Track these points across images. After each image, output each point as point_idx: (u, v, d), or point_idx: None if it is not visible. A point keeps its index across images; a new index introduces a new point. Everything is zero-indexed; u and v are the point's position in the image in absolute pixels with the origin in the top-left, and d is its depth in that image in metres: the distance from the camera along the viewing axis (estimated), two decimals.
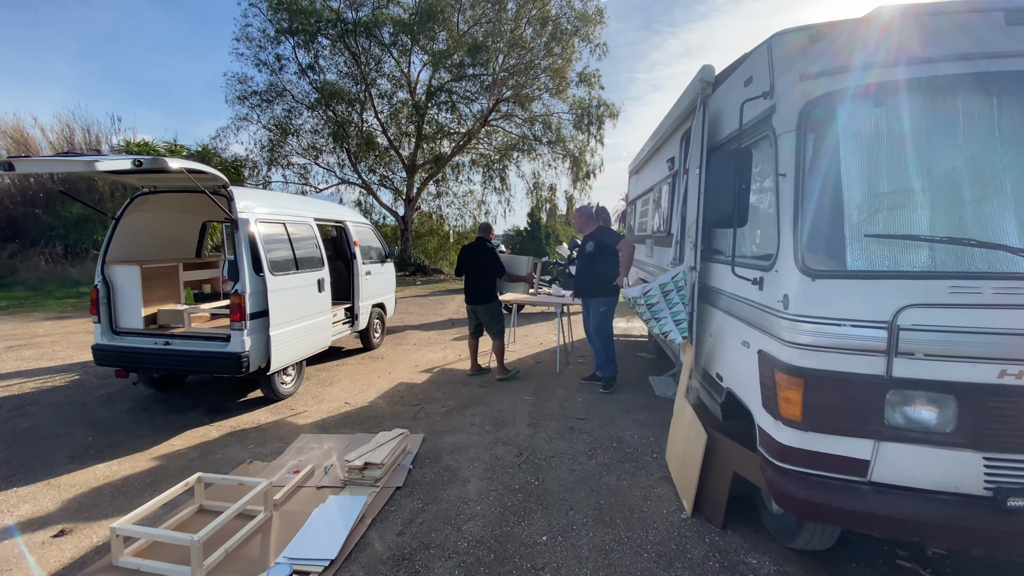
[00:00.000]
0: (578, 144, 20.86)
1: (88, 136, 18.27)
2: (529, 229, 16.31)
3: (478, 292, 5.25)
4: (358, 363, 6.06)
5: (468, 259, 5.27)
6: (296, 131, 19.61)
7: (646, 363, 6.19)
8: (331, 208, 6.00)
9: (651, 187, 5.87)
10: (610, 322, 4.96)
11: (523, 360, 6.26)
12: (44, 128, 17.12)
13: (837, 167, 2.18)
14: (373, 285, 6.47)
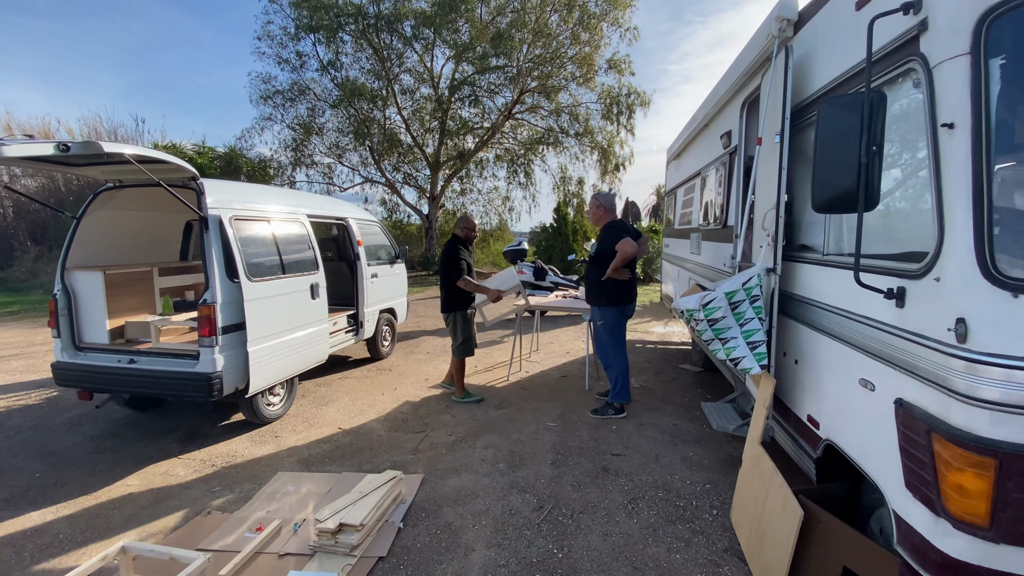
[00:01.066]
0: (607, 135, 19.88)
1: (115, 139, 18.46)
2: (555, 225, 15.46)
3: (442, 299, 4.58)
4: (362, 376, 5.42)
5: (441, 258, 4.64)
6: (320, 130, 19.33)
7: (690, 378, 5.33)
8: (329, 204, 5.37)
9: (697, 172, 5.00)
10: (612, 339, 4.15)
11: (546, 374, 5.49)
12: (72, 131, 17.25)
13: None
14: (381, 289, 5.82)
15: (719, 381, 5.13)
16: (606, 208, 4.16)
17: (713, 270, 4.14)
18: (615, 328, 4.12)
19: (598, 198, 4.22)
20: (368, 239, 5.74)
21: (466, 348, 4.53)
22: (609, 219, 4.15)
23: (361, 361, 5.98)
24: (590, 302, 4.19)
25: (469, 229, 4.69)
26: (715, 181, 4.21)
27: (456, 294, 4.46)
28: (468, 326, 4.54)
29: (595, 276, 4.04)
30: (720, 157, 4.01)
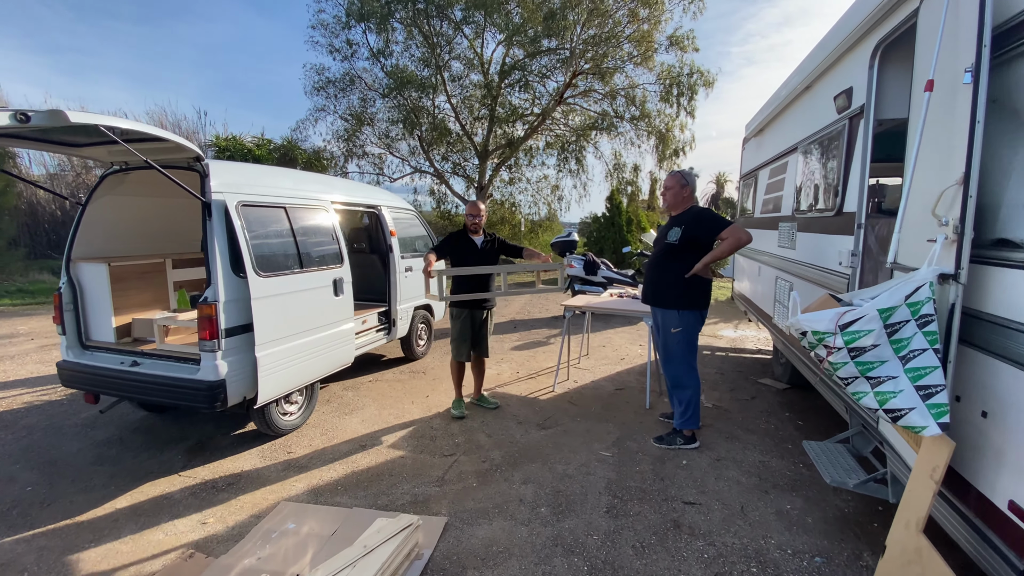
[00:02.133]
0: (665, 119, 18.56)
1: (179, 131, 19.17)
2: (608, 215, 14.52)
3: None
4: (394, 379, 4.93)
5: None
6: (371, 120, 19.25)
7: (774, 397, 4.46)
8: (359, 190, 4.87)
9: (790, 148, 4.09)
10: (689, 353, 3.39)
11: (598, 386, 4.78)
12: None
13: None
14: (416, 283, 5.30)
15: (813, 403, 4.23)
16: (684, 186, 3.39)
17: (815, 269, 3.27)
18: (694, 338, 3.37)
19: (683, 176, 3.44)
20: (403, 229, 5.23)
21: (455, 349, 3.98)
22: (692, 202, 3.38)
23: (394, 361, 5.51)
24: (660, 304, 3.44)
25: (467, 214, 4.04)
26: (821, 157, 3.33)
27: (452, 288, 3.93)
28: (457, 325, 3.95)
29: (674, 271, 3.30)
30: (831, 126, 3.12)
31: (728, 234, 3.08)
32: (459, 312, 3.93)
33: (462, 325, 3.93)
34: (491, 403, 4.21)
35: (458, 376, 4.08)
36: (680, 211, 3.40)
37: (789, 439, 3.59)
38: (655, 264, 3.47)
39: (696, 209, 3.33)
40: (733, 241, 3.08)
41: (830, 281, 2.99)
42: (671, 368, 3.46)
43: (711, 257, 3.15)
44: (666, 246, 3.36)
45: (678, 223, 3.32)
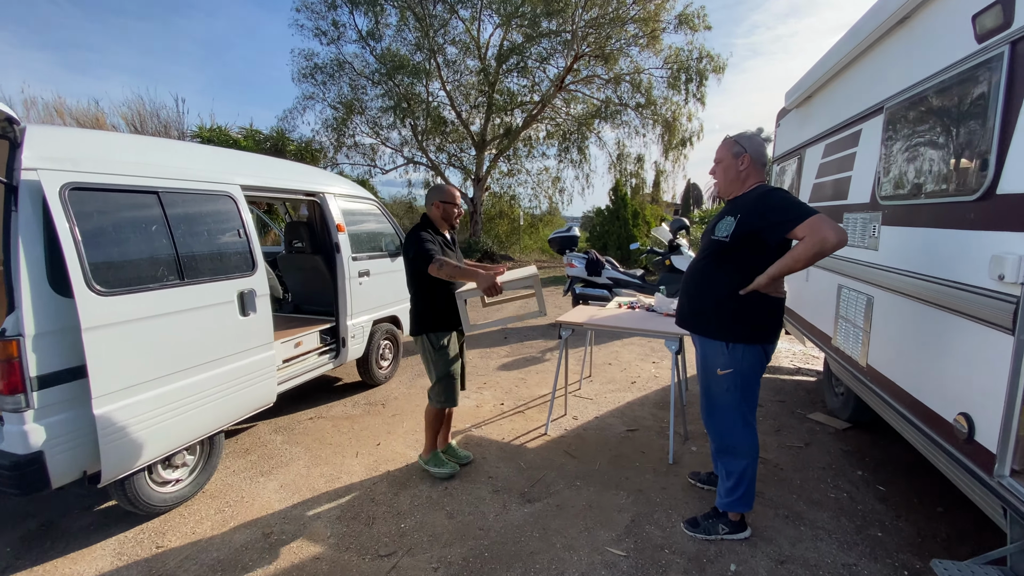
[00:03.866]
0: (671, 106, 17.42)
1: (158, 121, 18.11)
2: (612, 208, 13.41)
3: (410, 313, 2.92)
4: (342, 415, 3.88)
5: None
6: (362, 108, 18.11)
7: (834, 441, 3.38)
8: (289, 171, 3.77)
9: (870, 109, 2.98)
10: (744, 401, 2.29)
11: (604, 425, 3.72)
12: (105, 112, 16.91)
13: None
14: (376, 291, 4.24)
15: (889, 455, 3.17)
16: (756, 158, 2.30)
17: (930, 282, 2.19)
18: (752, 383, 2.28)
19: (737, 142, 2.35)
20: (357, 223, 4.16)
21: (445, 391, 2.83)
22: (759, 180, 2.31)
23: (350, 387, 4.46)
24: (700, 330, 2.36)
25: (445, 203, 2.88)
26: (939, 114, 2.23)
27: (425, 304, 2.78)
28: (445, 355, 2.81)
29: (722, 283, 2.23)
30: (966, 62, 2.03)
31: (807, 231, 1.97)
32: (443, 335, 2.80)
33: (452, 355, 2.83)
34: (461, 455, 3.15)
35: (438, 425, 2.98)
36: (737, 193, 2.32)
37: (875, 519, 2.53)
38: (696, 271, 2.39)
39: (762, 189, 2.24)
40: (814, 243, 1.94)
41: (970, 304, 1.91)
42: (716, 424, 2.39)
43: (780, 268, 2.06)
44: (712, 244, 2.28)
45: (733, 210, 2.24)
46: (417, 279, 2.73)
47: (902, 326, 2.49)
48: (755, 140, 2.34)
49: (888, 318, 2.66)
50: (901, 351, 2.49)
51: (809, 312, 3.91)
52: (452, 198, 2.90)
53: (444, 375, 2.80)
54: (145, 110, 18.09)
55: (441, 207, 2.86)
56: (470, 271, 2.58)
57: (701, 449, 3.28)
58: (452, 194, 2.92)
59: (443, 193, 2.89)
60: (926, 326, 2.24)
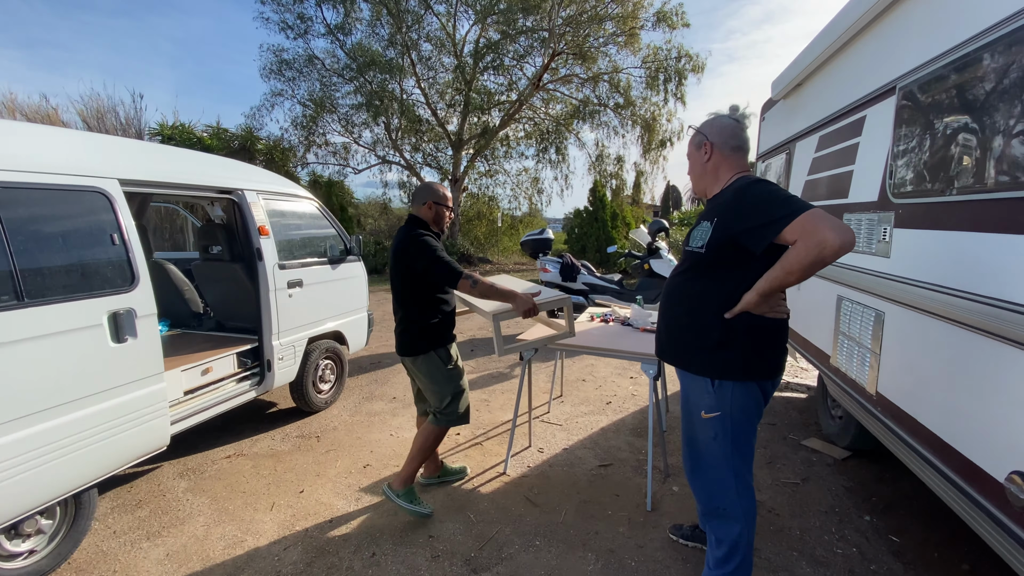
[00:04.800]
0: (651, 107, 17.16)
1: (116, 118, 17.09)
2: (591, 209, 12.99)
3: (400, 330, 2.51)
4: (267, 451, 3.30)
5: (391, 261, 2.48)
6: (333, 106, 17.38)
7: (834, 475, 2.93)
8: (194, 163, 3.15)
9: (880, 91, 2.54)
10: (735, 453, 1.79)
11: (574, 459, 3.21)
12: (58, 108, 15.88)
13: None
14: (311, 303, 3.67)
15: (897, 491, 2.73)
16: (718, 145, 1.83)
17: (968, 299, 1.73)
18: (746, 428, 1.79)
19: (701, 129, 1.88)
20: (286, 225, 3.58)
21: (464, 405, 2.57)
22: (738, 171, 1.82)
23: (285, 414, 3.87)
24: (680, 362, 1.86)
25: (438, 203, 2.50)
26: (975, 89, 1.79)
27: (432, 317, 2.44)
28: (458, 367, 2.57)
29: (704, 304, 1.75)
30: (1005, 27, 1.59)
31: (799, 232, 1.49)
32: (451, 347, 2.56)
33: (460, 366, 2.59)
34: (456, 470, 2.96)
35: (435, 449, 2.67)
36: (714, 191, 1.85)
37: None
38: (672, 290, 1.90)
39: (740, 183, 1.75)
40: (810, 248, 1.46)
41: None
42: (702, 481, 1.90)
43: (769, 283, 1.58)
44: (688, 257, 1.81)
45: (710, 213, 1.76)
46: (422, 291, 2.40)
47: (927, 351, 2.04)
48: (718, 122, 1.86)
49: (907, 339, 2.21)
50: (926, 381, 2.04)
51: (802, 325, 3.48)
52: (446, 199, 2.53)
53: (461, 389, 2.55)
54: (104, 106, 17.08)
55: (434, 208, 2.49)
56: (507, 291, 2.38)
57: (684, 489, 2.80)
58: (446, 195, 2.54)
59: (435, 193, 2.51)
60: (963, 354, 1.78)
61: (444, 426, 2.53)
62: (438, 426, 2.52)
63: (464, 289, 2.30)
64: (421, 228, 2.43)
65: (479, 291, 2.31)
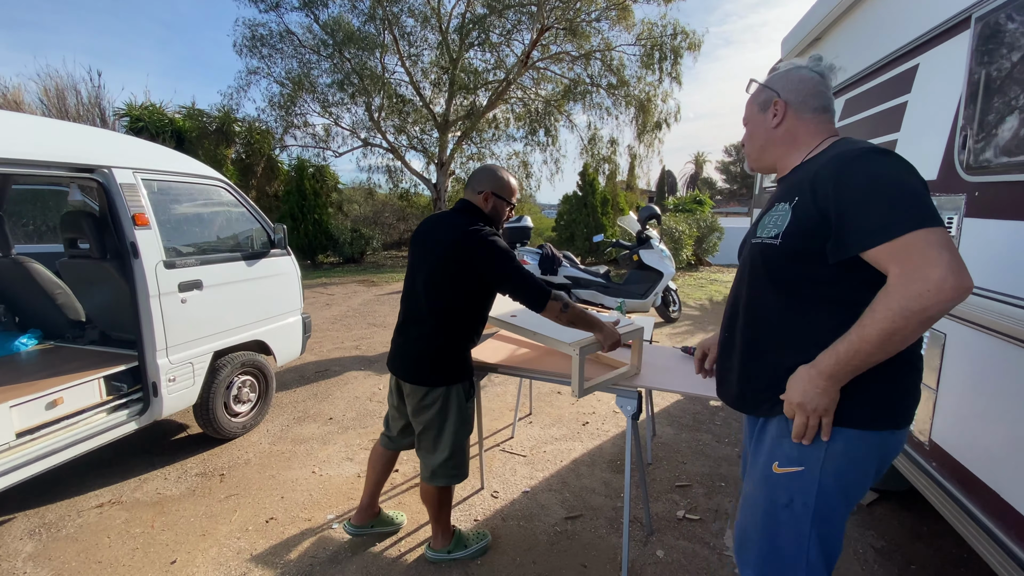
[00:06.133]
0: (646, 87, 16.38)
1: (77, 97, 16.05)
2: (580, 194, 12.27)
3: (413, 348, 1.94)
4: (150, 498, 2.64)
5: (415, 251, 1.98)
6: (312, 86, 16.42)
7: (858, 530, 2.30)
8: (38, 133, 2.41)
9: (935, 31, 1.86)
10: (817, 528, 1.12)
11: (535, 502, 2.57)
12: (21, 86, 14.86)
13: None
14: (219, 309, 2.99)
15: (947, 548, 2.11)
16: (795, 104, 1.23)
17: None
18: (839, 503, 1.12)
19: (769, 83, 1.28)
20: (176, 214, 2.88)
21: (462, 461, 2.03)
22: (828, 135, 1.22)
23: (196, 442, 3.20)
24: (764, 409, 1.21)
25: (499, 197, 1.97)
26: None
27: (469, 339, 1.98)
28: (471, 415, 2.04)
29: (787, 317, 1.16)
30: None
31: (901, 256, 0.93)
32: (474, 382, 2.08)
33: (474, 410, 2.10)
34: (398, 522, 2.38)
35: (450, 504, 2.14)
36: (791, 163, 1.22)
37: None
38: (748, 307, 1.25)
39: (842, 148, 1.10)
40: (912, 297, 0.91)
41: None
42: (752, 564, 1.23)
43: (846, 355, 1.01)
44: (756, 255, 1.19)
45: (788, 192, 1.15)
46: (471, 305, 1.90)
47: (1007, 389, 1.41)
48: (795, 75, 1.26)
49: (977, 372, 1.57)
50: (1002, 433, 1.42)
51: None
52: (510, 192, 1.99)
53: (466, 439, 2.02)
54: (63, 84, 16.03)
55: (491, 201, 1.95)
56: (597, 321, 1.92)
57: (671, 554, 2.17)
58: (510, 186, 1.99)
59: (498, 181, 1.97)
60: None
61: (441, 484, 1.99)
62: (434, 484, 1.98)
63: (552, 314, 1.82)
64: (482, 222, 1.88)
65: (568, 318, 1.84)
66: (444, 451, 1.93)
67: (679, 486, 2.69)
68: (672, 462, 2.94)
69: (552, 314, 1.82)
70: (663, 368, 2.22)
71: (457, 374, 1.92)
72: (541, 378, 2.19)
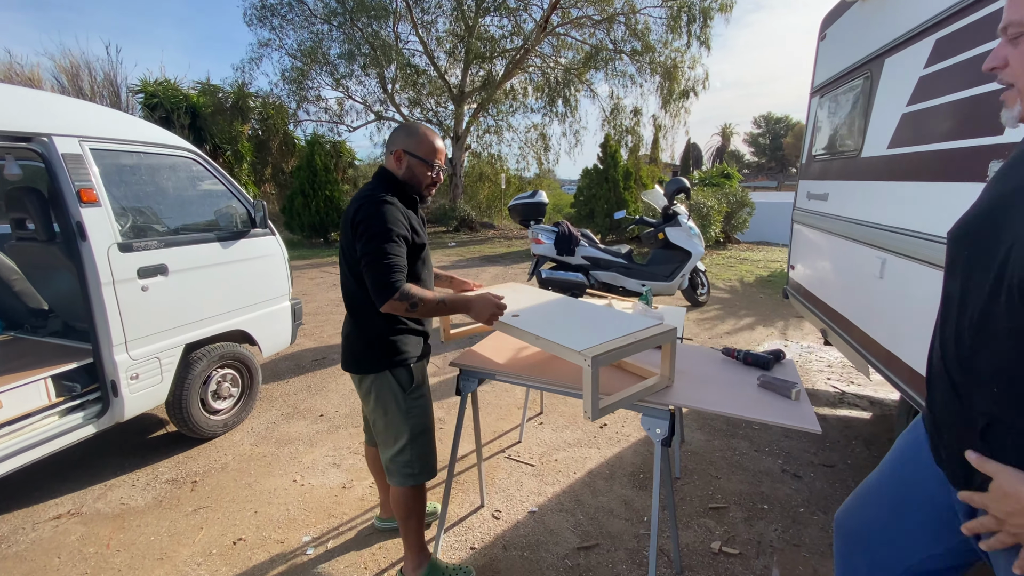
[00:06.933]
0: (672, 52, 15.43)
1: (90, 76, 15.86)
2: (601, 168, 11.62)
3: (344, 333, 1.75)
4: (113, 509, 2.37)
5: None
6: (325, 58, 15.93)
7: None
8: None
9: None
10: None
11: (542, 524, 2.21)
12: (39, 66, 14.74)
13: None
14: (185, 297, 2.66)
15: None
16: None
17: None
18: None
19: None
20: (135, 189, 2.53)
21: (424, 456, 1.75)
22: None
23: (171, 441, 2.93)
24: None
25: (411, 155, 1.66)
26: None
27: (385, 326, 1.66)
28: (423, 399, 1.76)
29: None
30: None
31: None
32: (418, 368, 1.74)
33: (428, 394, 1.79)
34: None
35: (421, 513, 1.80)
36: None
37: None
38: (975, 351, 0.79)
39: None
40: None
41: None
42: None
43: None
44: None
45: None
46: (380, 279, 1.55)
47: None
48: None
49: None
50: None
51: (886, 333, 2.36)
52: (426, 149, 1.66)
53: (421, 430, 1.73)
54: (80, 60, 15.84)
55: (405, 161, 1.65)
56: (461, 299, 1.68)
57: None
58: (426, 142, 1.67)
59: (409, 137, 1.66)
60: None
61: (402, 484, 1.72)
62: (400, 482, 1.73)
63: (399, 312, 1.55)
64: (387, 189, 1.60)
65: (422, 313, 1.57)
66: (393, 445, 1.71)
67: (713, 508, 2.30)
68: (704, 476, 2.54)
69: (400, 313, 1.55)
70: (701, 378, 1.80)
71: (384, 360, 1.65)
72: (551, 389, 1.79)
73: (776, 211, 11.85)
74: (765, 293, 6.54)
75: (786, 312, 5.60)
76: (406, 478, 1.71)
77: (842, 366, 4.06)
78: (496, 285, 2.25)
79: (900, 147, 2.39)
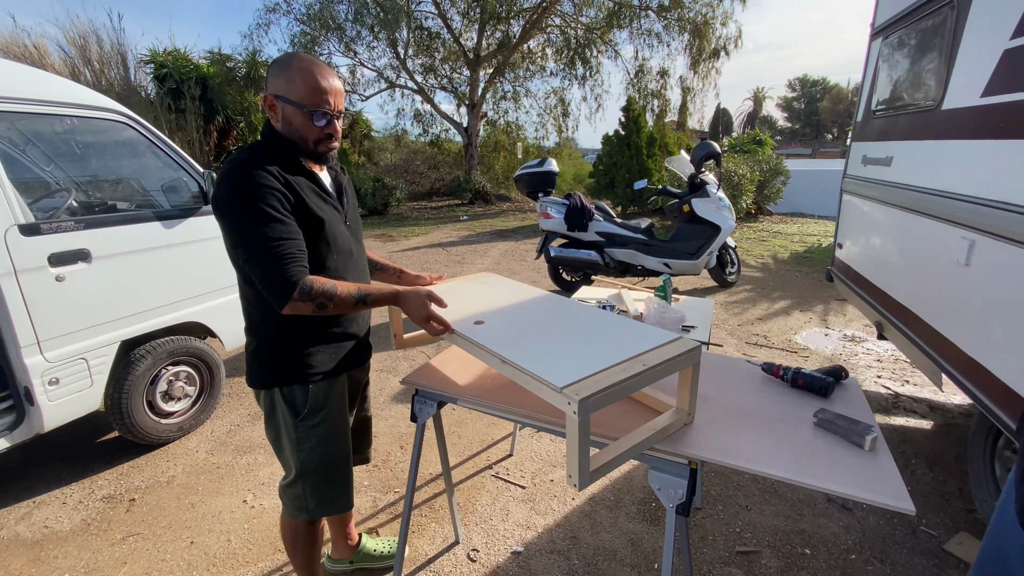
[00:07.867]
0: (703, 8, 14.27)
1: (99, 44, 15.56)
2: (623, 133, 10.82)
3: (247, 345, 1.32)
4: (32, 536, 2.06)
5: None
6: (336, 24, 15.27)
7: None
8: None
9: None
10: None
11: (528, 568, 1.80)
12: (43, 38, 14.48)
13: None
14: (116, 287, 2.29)
15: None
16: None
17: None
18: None
19: None
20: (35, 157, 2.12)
21: (315, 491, 1.35)
22: None
23: (121, 447, 2.61)
24: None
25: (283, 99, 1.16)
26: None
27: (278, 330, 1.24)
28: (319, 427, 1.30)
29: None
30: None
31: None
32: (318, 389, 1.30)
33: (334, 425, 1.35)
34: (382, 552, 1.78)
35: (311, 551, 1.47)
36: None
37: None
38: None
39: None
40: None
41: None
42: None
43: None
44: None
45: None
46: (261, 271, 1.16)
47: None
48: None
49: None
50: None
51: (970, 335, 1.82)
52: (312, 92, 1.17)
53: (315, 466, 1.34)
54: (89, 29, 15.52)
55: (281, 109, 1.19)
56: (389, 291, 1.26)
57: None
58: (311, 83, 1.17)
59: (286, 77, 1.17)
60: None
61: (291, 515, 1.41)
62: (286, 517, 1.43)
63: (306, 314, 1.18)
64: (265, 150, 1.18)
65: (337, 312, 1.20)
66: (286, 474, 1.39)
67: (742, 552, 1.85)
68: (730, 506, 2.09)
69: (307, 314, 1.18)
70: (733, 409, 1.32)
71: (273, 375, 1.27)
72: (534, 424, 1.34)
73: (811, 179, 10.96)
74: (801, 271, 5.91)
75: (826, 293, 5.00)
76: (298, 511, 1.38)
77: (894, 360, 3.51)
78: (470, 275, 1.79)
79: (1000, 95, 1.79)
